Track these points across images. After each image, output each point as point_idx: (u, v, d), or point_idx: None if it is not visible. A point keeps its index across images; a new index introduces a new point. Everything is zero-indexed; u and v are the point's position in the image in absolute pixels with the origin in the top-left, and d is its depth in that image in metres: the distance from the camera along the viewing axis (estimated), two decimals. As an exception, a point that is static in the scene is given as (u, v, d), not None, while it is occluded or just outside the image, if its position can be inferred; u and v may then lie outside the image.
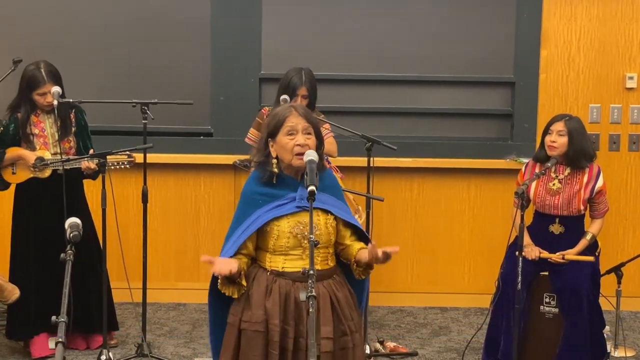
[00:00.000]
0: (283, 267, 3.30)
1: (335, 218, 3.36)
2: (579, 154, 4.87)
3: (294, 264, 3.29)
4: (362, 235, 3.46)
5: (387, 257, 3.24)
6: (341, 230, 3.40)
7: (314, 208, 3.17)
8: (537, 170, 4.93)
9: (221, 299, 3.38)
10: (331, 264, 3.39)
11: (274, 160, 3.32)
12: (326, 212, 3.33)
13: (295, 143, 3.26)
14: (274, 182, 3.32)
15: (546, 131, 4.96)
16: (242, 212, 3.35)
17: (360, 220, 4.82)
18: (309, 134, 3.31)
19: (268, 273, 3.32)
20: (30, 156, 4.92)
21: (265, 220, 3.26)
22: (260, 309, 3.27)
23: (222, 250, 3.32)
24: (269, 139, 3.33)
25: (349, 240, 3.41)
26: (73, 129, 5.06)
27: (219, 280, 3.25)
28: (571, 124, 4.88)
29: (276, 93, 5.22)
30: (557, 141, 4.88)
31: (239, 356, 3.31)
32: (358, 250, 3.38)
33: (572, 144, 4.86)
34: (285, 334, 3.25)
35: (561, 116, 4.99)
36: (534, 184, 4.96)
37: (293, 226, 3.27)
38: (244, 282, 3.29)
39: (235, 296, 3.29)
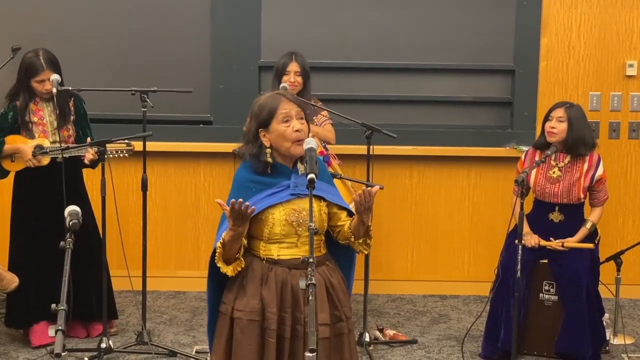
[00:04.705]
0: (278, 255, 3.29)
1: (328, 204, 3.36)
2: (578, 141, 4.87)
3: (289, 251, 3.28)
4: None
5: (368, 196, 3.17)
6: (337, 212, 3.39)
7: (307, 196, 3.17)
8: (537, 158, 4.93)
9: (219, 288, 3.37)
10: (323, 250, 3.39)
11: (268, 150, 3.30)
12: (319, 198, 3.32)
13: (294, 129, 3.25)
14: (268, 171, 3.31)
15: (546, 118, 4.97)
16: (235, 199, 3.29)
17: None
18: (302, 118, 3.29)
19: (263, 262, 3.30)
20: (28, 150, 4.89)
21: (261, 209, 3.23)
22: (256, 298, 3.26)
23: (216, 237, 3.29)
24: (261, 130, 3.30)
25: (343, 220, 3.39)
26: (72, 118, 5.05)
27: (216, 254, 3.21)
28: (571, 111, 4.89)
29: (271, 82, 5.24)
30: (557, 127, 4.88)
31: (233, 345, 3.29)
32: (351, 221, 3.35)
33: (571, 130, 4.87)
34: (282, 322, 3.25)
35: (562, 103, 4.99)
36: (533, 172, 4.96)
37: (288, 214, 3.26)
38: (242, 261, 3.26)
39: (230, 274, 3.24)
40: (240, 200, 3.06)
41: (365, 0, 5.97)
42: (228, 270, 3.24)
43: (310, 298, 2.83)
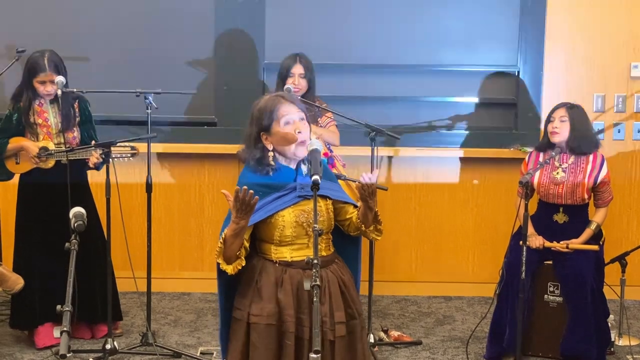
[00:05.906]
0: (292, 257, 3.29)
1: (334, 200, 3.37)
2: (581, 139, 4.88)
3: (302, 253, 3.28)
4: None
5: (369, 185, 3.18)
6: (343, 206, 3.39)
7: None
8: (540, 160, 4.93)
9: (230, 292, 3.36)
10: (332, 249, 3.40)
11: (270, 153, 3.29)
12: (325, 197, 3.33)
13: (295, 132, 3.24)
14: (271, 174, 3.30)
15: (548, 119, 4.98)
16: None
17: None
18: (303, 119, 3.29)
19: (276, 264, 3.30)
20: (33, 147, 4.91)
21: (271, 213, 3.23)
22: (272, 302, 3.24)
23: (219, 237, 3.27)
24: (262, 133, 3.29)
25: (351, 213, 3.39)
26: (77, 119, 5.06)
27: (217, 247, 3.18)
28: (573, 111, 4.91)
29: (276, 84, 5.25)
30: (559, 127, 4.89)
31: (250, 350, 3.27)
32: (358, 210, 3.35)
33: (574, 129, 4.88)
34: (300, 324, 3.24)
35: (563, 104, 5.01)
36: (537, 173, 4.96)
37: (298, 215, 3.26)
38: (242, 260, 3.23)
39: (230, 272, 3.21)
40: (245, 187, 3.04)
41: (369, 1, 5.97)
42: (228, 268, 3.21)
43: (315, 300, 2.83)
